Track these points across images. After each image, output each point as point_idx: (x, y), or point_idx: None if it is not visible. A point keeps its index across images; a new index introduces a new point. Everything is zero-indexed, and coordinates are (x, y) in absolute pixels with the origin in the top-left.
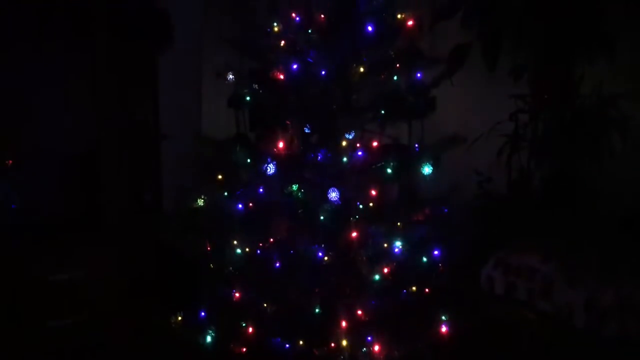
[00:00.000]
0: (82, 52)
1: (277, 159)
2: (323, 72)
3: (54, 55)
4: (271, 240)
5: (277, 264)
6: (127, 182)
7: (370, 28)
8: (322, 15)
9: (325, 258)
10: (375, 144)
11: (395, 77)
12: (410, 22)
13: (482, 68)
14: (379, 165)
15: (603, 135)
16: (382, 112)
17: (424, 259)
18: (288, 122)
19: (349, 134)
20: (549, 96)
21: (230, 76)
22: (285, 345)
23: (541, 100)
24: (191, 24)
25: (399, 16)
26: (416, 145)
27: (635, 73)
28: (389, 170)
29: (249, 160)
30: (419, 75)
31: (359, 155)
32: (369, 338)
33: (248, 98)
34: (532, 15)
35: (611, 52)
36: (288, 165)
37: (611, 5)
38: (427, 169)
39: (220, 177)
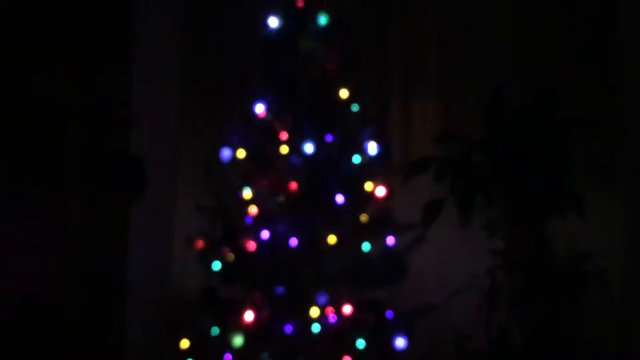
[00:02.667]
0: (52, 196)
1: (245, 330)
2: (294, 241)
3: (21, 199)
4: None
5: None
6: (91, 334)
7: (340, 198)
8: (294, 184)
9: None
10: (348, 308)
11: (366, 245)
12: (380, 191)
13: (456, 222)
14: (351, 336)
15: (580, 289)
16: (354, 280)
17: None
18: (257, 294)
19: (321, 299)
20: (523, 252)
21: (200, 243)
22: None
23: (515, 256)
24: (165, 173)
25: (369, 186)
26: (388, 314)
27: (607, 229)
28: (360, 346)
29: (216, 330)
30: (390, 241)
31: (331, 321)
32: None
33: (219, 266)
34: (500, 174)
35: (580, 209)
36: (256, 337)
37: (578, 166)
38: (400, 342)
39: (186, 343)
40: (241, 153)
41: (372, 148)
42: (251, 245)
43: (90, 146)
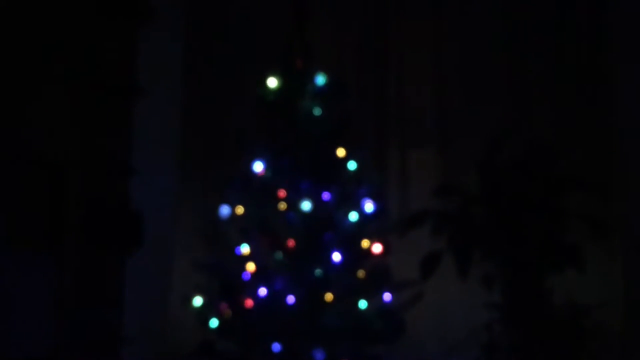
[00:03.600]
0: (48, 251)
1: None
2: (291, 299)
3: (16, 254)
4: None
5: None
6: None
7: (337, 256)
8: (292, 241)
9: None
10: None
11: (363, 302)
12: (376, 248)
13: (454, 276)
14: None
15: (580, 344)
16: (351, 336)
17: None
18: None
19: (318, 356)
20: (522, 306)
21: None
22: None
23: (514, 310)
24: (163, 228)
25: (365, 243)
26: None
27: (606, 282)
28: None
29: None
30: (387, 298)
31: None
32: None
33: (216, 323)
34: (498, 227)
35: (579, 264)
36: None
37: (575, 219)
38: None
39: None
40: (239, 209)
41: (369, 206)
42: (248, 302)
43: (89, 199)
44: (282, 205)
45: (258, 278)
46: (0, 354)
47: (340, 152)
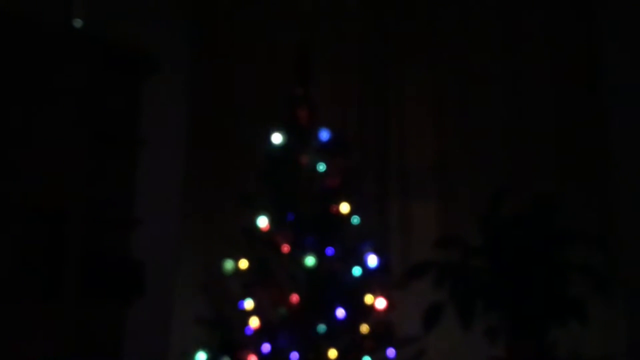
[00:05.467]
0: (47, 307)
1: None
2: (295, 356)
3: (16, 310)
4: None
5: None
6: None
7: (341, 312)
8: (296, 296)
9: None
10: None
11: (367, 359)
12: (380, 304)
13: (457, 327)
14: None
15: None
16: None
17: None
18: None
19: None
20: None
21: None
22: None
23: None
24: (163, 280)
25: (369, 298)
26: None
27: (610, 336)
28: None
29: None
30: (391, 353)
31: None
32: None
33: None
34: (500, 280)
35: (582, 317)
36: None
37: (578, 272)
38: None
39: None
40: (243, 263)
41: (372, 260)
42: (252, 359)
43: (90, 250)
44: (286, 261)
45: (261, 333)
46: None
47: (344, 207)
